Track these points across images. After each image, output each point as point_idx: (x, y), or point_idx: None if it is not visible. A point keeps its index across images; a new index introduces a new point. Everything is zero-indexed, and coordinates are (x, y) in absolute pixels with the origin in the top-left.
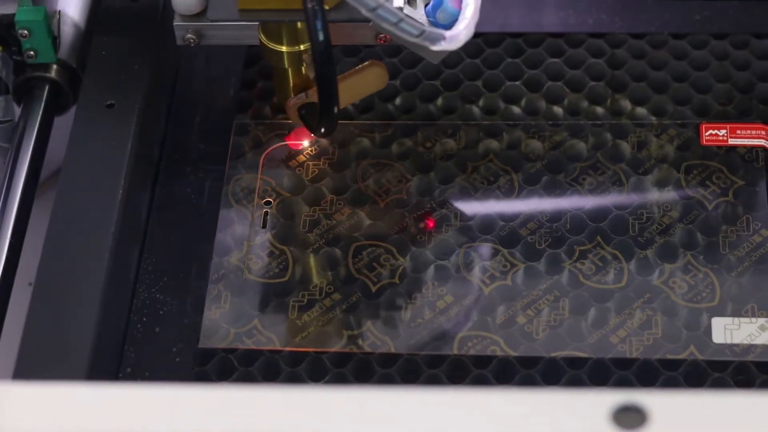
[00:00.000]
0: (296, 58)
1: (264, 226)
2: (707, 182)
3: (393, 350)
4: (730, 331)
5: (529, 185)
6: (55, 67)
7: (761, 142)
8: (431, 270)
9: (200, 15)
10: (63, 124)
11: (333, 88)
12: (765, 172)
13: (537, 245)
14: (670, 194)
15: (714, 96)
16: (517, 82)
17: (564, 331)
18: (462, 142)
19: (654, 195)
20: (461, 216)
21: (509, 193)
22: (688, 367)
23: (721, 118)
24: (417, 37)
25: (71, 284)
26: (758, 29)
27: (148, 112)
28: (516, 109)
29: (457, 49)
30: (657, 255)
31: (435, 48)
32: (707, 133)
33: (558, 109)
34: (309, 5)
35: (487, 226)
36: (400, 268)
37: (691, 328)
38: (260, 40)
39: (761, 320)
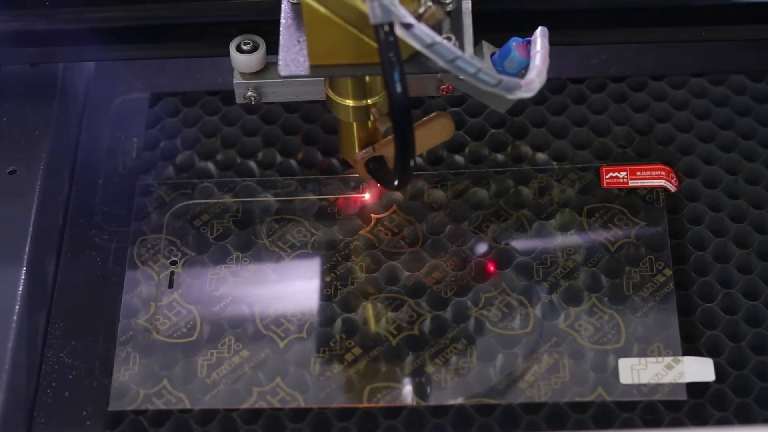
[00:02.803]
0: (363, 112)
1: (170, 286)
2: (609, 224)
3: (303, 405)
4: (637, 371)
5: (433, 235)
6: None
7: (661, 182)
8: (338, 323)
9: (260, 73)
10: None
11: (410, 139)
12: (666, 212)
13: (443, 294)
14: (573, 238)
15: (613, 138)
16: None
17: (472, 379)
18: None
19: (557, 239)
20: (367, 268)
21: (414, 243)
22: (597, 409)
23: (621, 160)
24: (495, 86)
25: None
26: (655, 71)
27: (50, 176)
28: (418, 160)
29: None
30: (562, 299)
31: (511, 96)
32: (608, 176)
33: (459, 158)
34: (386, 56)
35: (392, 277)
36: (308, 322)
37: (598, 369)
38: (326, 95)
39: (667, 359)
